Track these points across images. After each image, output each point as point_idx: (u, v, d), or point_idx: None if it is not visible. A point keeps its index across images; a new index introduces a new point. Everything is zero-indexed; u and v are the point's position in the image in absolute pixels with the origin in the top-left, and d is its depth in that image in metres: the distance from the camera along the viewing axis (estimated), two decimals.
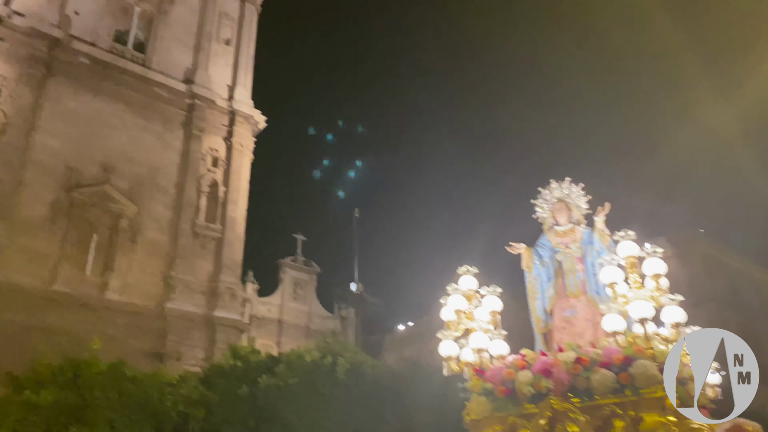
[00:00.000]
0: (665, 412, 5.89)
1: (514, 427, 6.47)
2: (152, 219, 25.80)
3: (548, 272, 8.22)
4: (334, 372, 14.84)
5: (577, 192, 8.57)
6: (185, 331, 24.65)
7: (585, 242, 8.15)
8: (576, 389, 6.19)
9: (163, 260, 25.44)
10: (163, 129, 27.47)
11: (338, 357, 15.23)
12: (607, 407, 6.00)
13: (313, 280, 40.23)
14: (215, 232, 26.94)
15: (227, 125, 29.31)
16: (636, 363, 6.02)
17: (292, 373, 14.80)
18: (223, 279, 26.34)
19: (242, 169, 29.00)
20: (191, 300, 25.28)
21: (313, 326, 38.15)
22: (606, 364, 6.21)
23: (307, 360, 15.12)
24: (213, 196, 27.50)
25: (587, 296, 7.80)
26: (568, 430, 6.03)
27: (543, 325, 8.04)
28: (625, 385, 5.97)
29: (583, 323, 7.67)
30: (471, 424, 6.93)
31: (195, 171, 27.32)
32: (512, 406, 6.58)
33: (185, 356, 24.00)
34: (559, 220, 8.47)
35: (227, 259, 26.88)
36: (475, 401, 6.93)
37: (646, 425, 5.82)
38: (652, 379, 5.90)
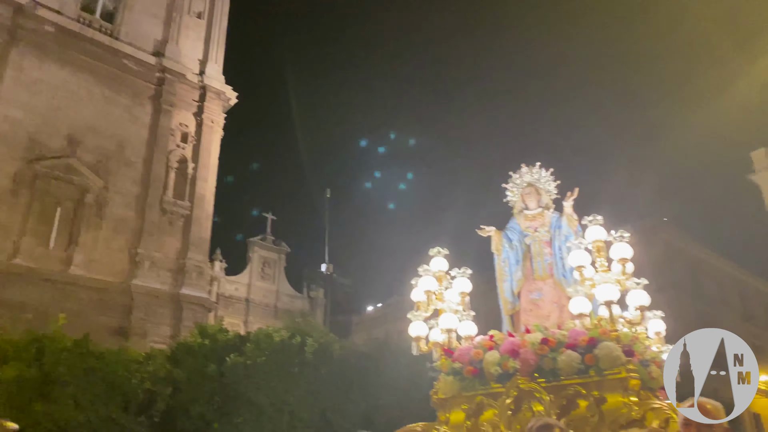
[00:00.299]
0: (628, 393, 6.03)
1: (481, 406, 6.57)
2: (119, 194, 25.34)
3: (517, 255, 8.32)
4: (303, 352, 14.91)
5: (546, 177, 8.66)
6: (151, 308, 24.37)
7: (553, 226, 8.26)
8: (542, 370, 6.30)
9: (129, 236, 25.05)
10: (132, 102, 26.89)
11: (307, 337, 15.29)
12: (571, 387, 6.11)
13: (282, 260, 40.05)
14: (183, 209, 26.58)
15: (197, 101, 28.81)
16: (601, 345, 6.15)
17: (260, 353, 14.82)
18: (190, 257, 26.05)
19: (212, 145, 28.57)
20: (158, 277, 24.97)
21: (281, 306, 38.07)
22: (572, 345, 6.33)
23: (275, 340, 15.15)
24: (182, 173, 27.09)
25: (554, 279, 7.92)
26: (534, 409, 6.14)
27: (510, 306, 8.15)
28: (590, 366, 6.10)
29: (549, 305, 7.79)
30: (438, 403, 7.01)
31: (164, 146, 26.85)
32: (479, 385, 6.67)
33: (151, 333, 23.76)
34: (528, 204, 8.55)
35: (195, 237, 26.57)
36: (443, 381, 7.01)
37: (609, 405, 5.95)
38: (616, 360, 6.04)
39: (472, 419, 6.51)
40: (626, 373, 6.01)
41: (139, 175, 26.10)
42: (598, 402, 5.95)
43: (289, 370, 14.69)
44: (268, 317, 36.75)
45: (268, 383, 14.48)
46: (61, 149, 24.08)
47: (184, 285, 25.34)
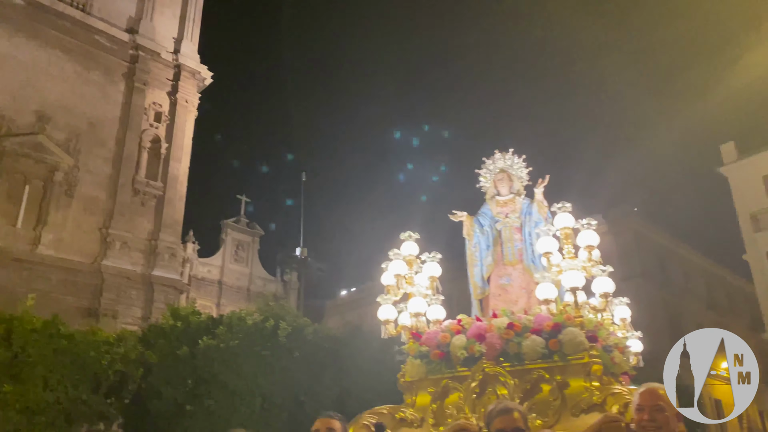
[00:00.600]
0: (590, 377, 6.13)
1: (447, 389, 6.62)
2: (90, 173, 24.94)
3: (487, 241, 8.37)
4: (276, 335, 14.89)
5: (519, 163, 8.71)
6: (122, 290, 24.14)
7: (524, 212, 8.32)
8: (507, 354, 6.37)
9: (100, 216, 24.72)
10: (104, 80, 26.39)
11: (280, 320, 15.27)
12: (535, 371, 6.19)
13: (256, 243, 39.78)
14: (156, 190, 26.27)
15: (172, 80, 28.38)
16: (565, 330, 6.23)
17: (232, 336, 14.79)
18: (163, 238, 25.80)
19: (186, 125, 28.21)
20: (129, 258, 24.71)
21: (255, 289, 37.91)
22: (537, 330, 6.40)
23: (248, 323, 15.11)
24: (155, 153, 26.73)
25: (523, 265, 7.99)
26: (498, 393, 6.20)
27: (480, 291, 8.20)
28: (554, 351, 6.17)
29: (518, 291, 7.87)
30: (405, 386, 7.06)
31: (136, 125, 26.44)
32: (446, 369, 6.72)
33: (122, 315, 23.56)
34: (500, 190, 8.59)
35: (168, 218, 26.30)
36: (410, 364, 7.05)
37: (571, 390, 6.04)
38: (579, 346, 6.12)
39: (438, 402, 6.57)
40: (589, 358, 6.11)
41: (111, 154, 25.70)
42: (561, 386, 6.04)
43: (262, 353, 14.67)
44: (240, 300, 36.59)
45: (240, 366, 14.46)
46: (30, 126, 23.60)
47: (156, 266, 25.11)
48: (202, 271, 35.84)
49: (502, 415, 3.40)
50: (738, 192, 28.25)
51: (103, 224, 24.59)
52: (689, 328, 30.27)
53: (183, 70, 28.52)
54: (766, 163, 27.72)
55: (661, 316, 30.69)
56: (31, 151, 23.23)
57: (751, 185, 27.68)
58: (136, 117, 26.51)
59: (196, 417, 14.03)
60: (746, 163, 28.26)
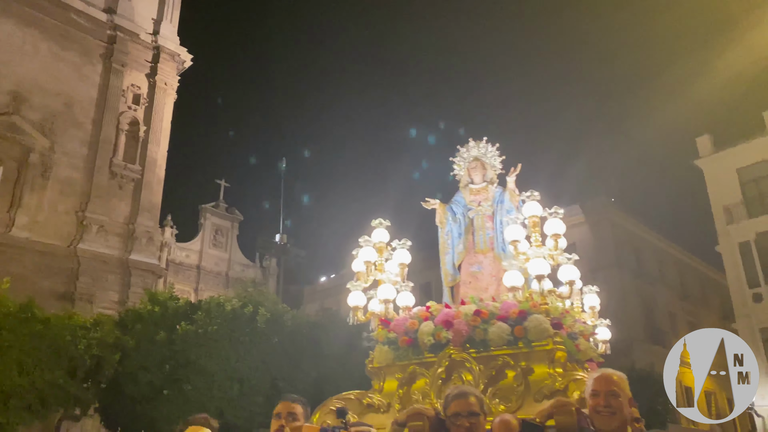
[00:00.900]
0: (554, 364, 6.21)
1: (414, 375, 6.67)
2: (66, 155, 24.64)
3: (460, 228, 8.41)
4: (255, 321, 14.96)
5: (492, 152, 8.72)
6: (99, 273, 23.96)
7: (496, 201, 8.35)
8: (473, 340, 6.42)
9: (76, 199, 24.45)
10: (81, 60, 26.01)
11: (259, 306, 15.34)
12: (500, 358, 6.25)
13: (235, 228, 39.58)
14: (134, 173, 26.04)
15: (151, 62, 28.05)
16: (530, 317, 6.29)
17: (211, 321, 14.83)
18: (140, 222, 25.61)
19: (165, 108, 27.95)
20: (106, 242, 24.51)
21: (233, 274, 37.78)
22: (503, 317, 6.46)
23: (227, 308, 15.17)
24: (133, 135, 26.46)
25: (494, 253, 8.05)
26: (464, 378, 6.27)
27: (451, 279, 8.26)
28: (519, 337, 6.24)
29: (488, 278, 7.93)
30: (373, 372, 7.10)
31: (114, 107, 26.13)
32: (413, 355, 6.76)
33: (98, 299, 23.40)
34: (474, 179, 8.61)
35: (146, 202, 26.10)
36: (378, 350, 7.10)
37: (535, 376, 6.12)
38: (544, 332, 6.20)
39: (405, 388, 6.62)
40: (553, 345, 6.18)
41: (88, 136, 25.39)
42: (525, 372, 6.11)
43: (240, 338, 14.75)
44: (219, 285, 36.46)
45: (219, 351, 14.55)
46: (5, 106, 23.25)
47: (133, 250, 24.95)
48: (180, 256, 35.62)
49: (457, 399, 3.44)
50: (712, 184, 28.64)
51: (80, 207, 24.35)
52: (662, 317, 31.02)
53: (162, 51, 28.20)
54: (740, 156, 28.09)
55: (635, 304, 31.15)
56: (5, 131, 22.90)
57: (725, 178, 28.07)
58: (114, 99, 26.20)
59: (174, 401, 14.09)
60: (721, 156, 28.64)
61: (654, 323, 32.04)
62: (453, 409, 3.40)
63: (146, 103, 27.28)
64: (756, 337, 25.18)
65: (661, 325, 32.62)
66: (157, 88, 27.72)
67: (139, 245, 25.18)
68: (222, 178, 39.56)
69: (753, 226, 26.47)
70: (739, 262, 26.69)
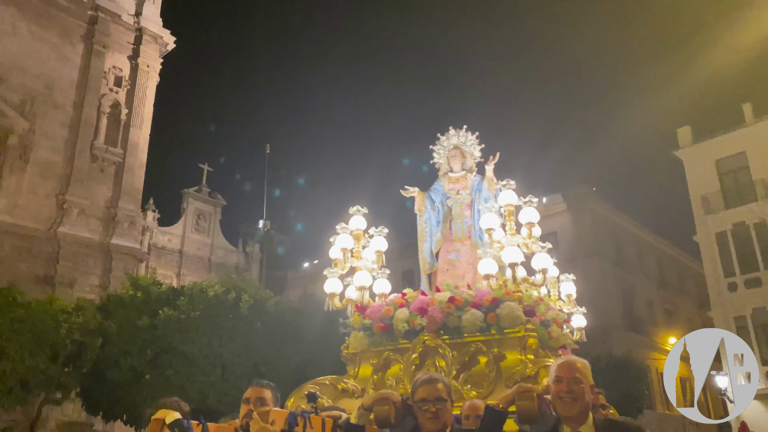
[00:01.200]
0: (525, 351, 6.31)
1: (388, 361, 6.74)
2: (46, 137, 24.34)
3: (438, 216, 8.46)
4: (238, 307, 14.96)
5: (472, 140, 8.76)
6: (80, 257, 23.78)
7: (475, 189, 8.40)
8: (447, 327, 6.50)
9: (56, 182, 24.20)
10: (61, 41, 25.62)
11: (242, 293, 15.35)
12: (473, 344, 6.34)
13: (218, 213, 39.36)
14: (115, 156, 25.79)
15: (133, 43, 27.69)
16: (503, 305, 6.38)
17: (194, 307, 14.82)
18: (122, 206, 25.41)
19: (147, 91, 27.64)
20: (87, 225, 24.31)
21: (216, 259, 37.65)
22: (477, 304, 6.54)
23: (210, 294, 15.15)
24: (114, 118, 26.17)
25: (471, 241, 8.11)
26: (437, 364, 6.35)
27: (429, 266, 8.32)
28: (492, 324, 6.32)
29: (465, 266, 7.99)
30: (348, 358, 7.17)
31: (95, 89, 25.80)
32: (388, 341, 6.83)
33: (79, 283, 23.25)
34: (453, 167, 8.65)
35: (128, 185, 25.89)
36: (354, 336, 7.15)
37: (507, 362, 6.21)
38: (516, 320, 6.29)
39: (379, 373, 6.70)
40: (525, 332, 6.28)
41: (69, 118, 25.08)
42: (497, 359, 6.20)
43: (223, 324, 14.77)
44: (201, 270, 36.33)
45: (201, 337, 14.55)
46: None
47: (114, 234, 24.77)
48: (163, 240, 35.42)
49: (425, 384, 3.48)
50: (691, 175, 28.94)
51: (60, 190, 24.10)
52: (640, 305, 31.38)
53: (144, 33, 27.84)
54: (719, 147, 28.39)
55: (614, 292, 31.52)
56: None
57: (704, 169, 28.37)
58: (95, 81, 25.87)
59: (156, 386, 14.10)
60: (700, 147, 28.93)
61: (632, 311, 32.47)
62: (420, 394, 3.44)
63: (128, 86, 26.97)
64: (730, 326, 25.62)
65: (638, 312, 33.06)
66: (139, 71, 27.41)
67: (120, 229, 25.01)
68: (205, 163, 39.28)
69: (730, 217, 26.83)
70: (715, 251, 27.08)
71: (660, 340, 33.60)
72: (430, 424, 3.36)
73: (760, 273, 25.73)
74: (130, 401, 14.62)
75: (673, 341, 33.51)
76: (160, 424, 3.57)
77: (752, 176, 27.00)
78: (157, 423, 3.58)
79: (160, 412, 3.68)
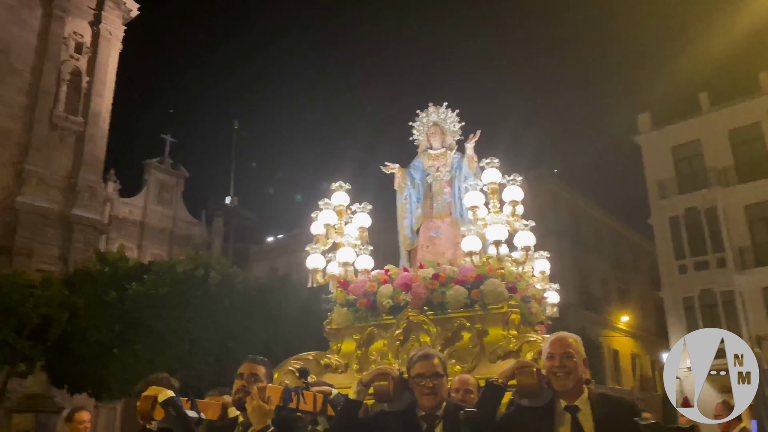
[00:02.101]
0: (508, 326, 6.43)
1: (372, 336, 6.78)
2: (2, 103, 23.51)
3: (418, 193, 8.46)
4: (206, 284, 15.10)
5: (452, 118, 8.75)
6: (38, 228, 23.17)
7: (454, 167, 8.40)
8: (431, 303, 6.56)
9: (14, 150, 23.45)
10: (18, 3, 24.63)
11: (210, 269, 15.45)
12: (457, 320, 6.42)
13: (181, 185, 38.71)
14: (76, 126, 25.06)
15: (95, 9, 26.80)
16: (487, 281, 6.47)
17: (162, 283, 14.89)
18: (83, 176, 24.78)
19: (110, 59, 26.85)
20: (46, 195, 23.66)
21: (178, 232, 37.12)
22: (461, 281, 6.62)
23: (178, 270, 15.24)
24: (75, 86, 25.39)
25: (452, 218, 8.15)
26: (421, 340, 6.43)
27: (409, 242, 8.34)
28: (476, 300, 6.42)
29: (445, 243, 8.04)
30: (331, 333, 7.18)
31: (55, 56, 24.94)
32: (372, 317, 6.85)
33: (37, 254, 22.68)
34: (433, 144, 8.63)
35: (89, 156, 25.23)
36: (337, 312, 7.14)
37: (490, 338, 6.32)
38: (500, 296, 6.40)
39: (363, 349, 6.74)
40: (508, 308, 6.38)
41: (27, 84, 24.24)
42: (480, 334, 6.30)
43: (191, 300, 14.89)
44: (164, 243, 35.81)
45: (169, 312, 14.70)
46: None
47: (75, 205, 24.18)
48: (124, 211, 34.70)
49: (422, 360, 3.55)
50: (649, 160, 29.76)
51: (18, 159, 23.35)
52: (596, 284, 32.24)
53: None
54: (676, 134, 29.18)
55: (572, 271, 32.26)
56: None
57: (661, 155, 29.18)
58: (55, 47, 24.99)
59: (124, 360, 14.26)
60: (658, 134, 29.70)
61: (588, 289, 33.37)
62: (417, 370, 3.50)
63: (89, 53, 26.13)
64: (679, 306, 26.79)
65: (594, 291, 34.02)
66: (101, 38, 26.56)
67: (81, 200, 24.41)
68: (168, 134, 38.49)
69: (683, 202, 27.72)
70: (668, 235, 28.01)
71: (613, 318, 34.70)
72: (427, 399, 3.43)
73: (708, 256, 26.76)
74: (98, 375, 14.76)
75: (626, 319, 34.67)
76: (151, 401, 3.56)
77: (706, 163, 27.91)
78: (148, 400, 3.57)
79: (151, 389, 3.66)
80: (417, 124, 8.83)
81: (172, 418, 3.50)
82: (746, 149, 27.18)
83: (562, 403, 3.24)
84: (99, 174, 26.06)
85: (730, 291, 25.63)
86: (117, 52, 27.37)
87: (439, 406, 3.45)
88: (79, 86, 25.35)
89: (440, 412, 3.45)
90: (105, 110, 26.17)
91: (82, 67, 25.67)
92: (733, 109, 27.52)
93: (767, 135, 26.52)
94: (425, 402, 3.43)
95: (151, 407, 3.54)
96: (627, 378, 34.99)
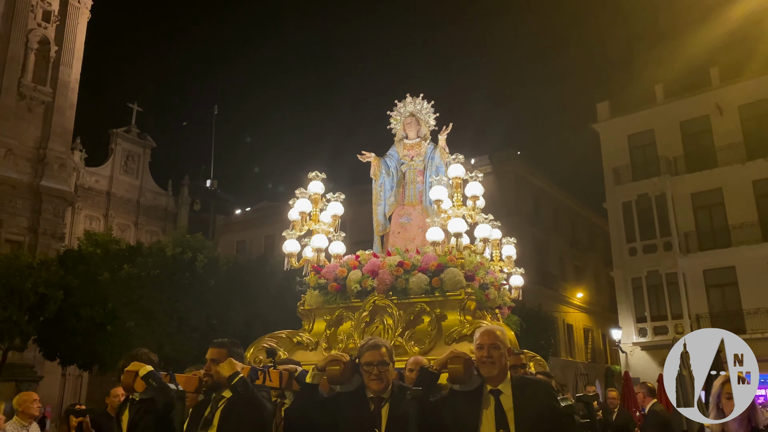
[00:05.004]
0: (464, 312, 7.06)
1: (341, 317, 7.35)
2: None
3: (392, 182, 8.94)
4: (194, 266, 16.13)
5: (428, 109, 9.20)
6: (7, 198, 23.10)
7: (428, 157, 8.85)
8: (396, 288, 7.12)
9: None
10: None
11: (198, 253, 16.44)
12: (418, 305, 6.99)
13: (147, 154, 38.30)
14: (44, 96, 24.82)
15: None
16: (447, 270, 7.06)
17: (153, 265, 16.04)
18: (51, 147, 24.65)
19: (78, 28, 26.49)
20: (15, 166, 23.54)
21: (145, 202, 36.93)
22: (423, 269, 7.20)
23: (168, 254, 16.27)
24: (43, 56, 25.06)
25: (422, 206, 8.66)
26: (385, 322, 7.02)
27: (381, 228, 8.83)
28: (436, 287, 7.02)
29: (416, 229, 8.56)
30: (304, 313, 7.73)
31: (22, 24, 24.55)
32: (341, 300, 7.38)
33: (6, 224, 22.66)
34: (408, 134, 9.08)
35: (57, 127, 25.06)
36: (309, 294, 7.67)
37: (447, 322, 6.93)
38: (458, 284, 7.02)
39: (332, 329, 7.30)
40: (465, 295, 7.00)
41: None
42: (439, 319, 6.90)
43: (180, 281, 15.95)
44: (130, 212, 35.67)
45: (160, 292, 15.77)
46: None
47: (44, 176, 24.09)
48: (90, 181, 34.35)
49: (370, 349, 3.97)
50: (606, 147, 31.12)
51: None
52: (553, 261, 33.55)
53: None
54: (631, 123, 30.46)
55: (531, 250, 33.31)
56: None
57: (617, 142, 30.54)
58: (22, 14, 24.58)
59: (116, 335, 15.45)
60: (615, 122, 30.96)
61: (545, 267, 34.57)
62: (366, 358, 3.94)
63: (57, 21, 25.74)
64: (628, 285, 28.36)
65: (551, 269, 35.26)
66: (69, 6, 26.15)
67: (50, 171, 24.34)
68: (134, 102, 37.95)
69: (635, 189, 29.18)
70: (621, 218, 29.43)
71: (568, 294, 36.06)
72: (374, 384, 3.91)
73: (656, 240, 28.30)
74: (90, 349, 15.85)
75: (580, 296, 36.11)
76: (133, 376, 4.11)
77: (658, 152, 29.32)
78: (130, 374, 4.12)
79: (133, 365, 4.22)
80: (394, 114, 9.26)
81: (153, 389, 4.01)
82: (695, 140, 28.71)
83: (488, 388, 3.72)
84: (68, 145, 25.90)
85: (674, 273, 27.27)
86: (85, 21, 26.95)
87: (385, 389, 3.92)
88: (47, 56, 25.01)
89: (386, 395, 3.94)
90: (74, 81, 25.88)
91: (50, 36, 25.28)
92: (684, 101, 28.90)
93: (715, 127, 28.01)
94: (373, 386, 3.90)
95: (133, 381, 4.07)
96: (580, 351, 36.51)
